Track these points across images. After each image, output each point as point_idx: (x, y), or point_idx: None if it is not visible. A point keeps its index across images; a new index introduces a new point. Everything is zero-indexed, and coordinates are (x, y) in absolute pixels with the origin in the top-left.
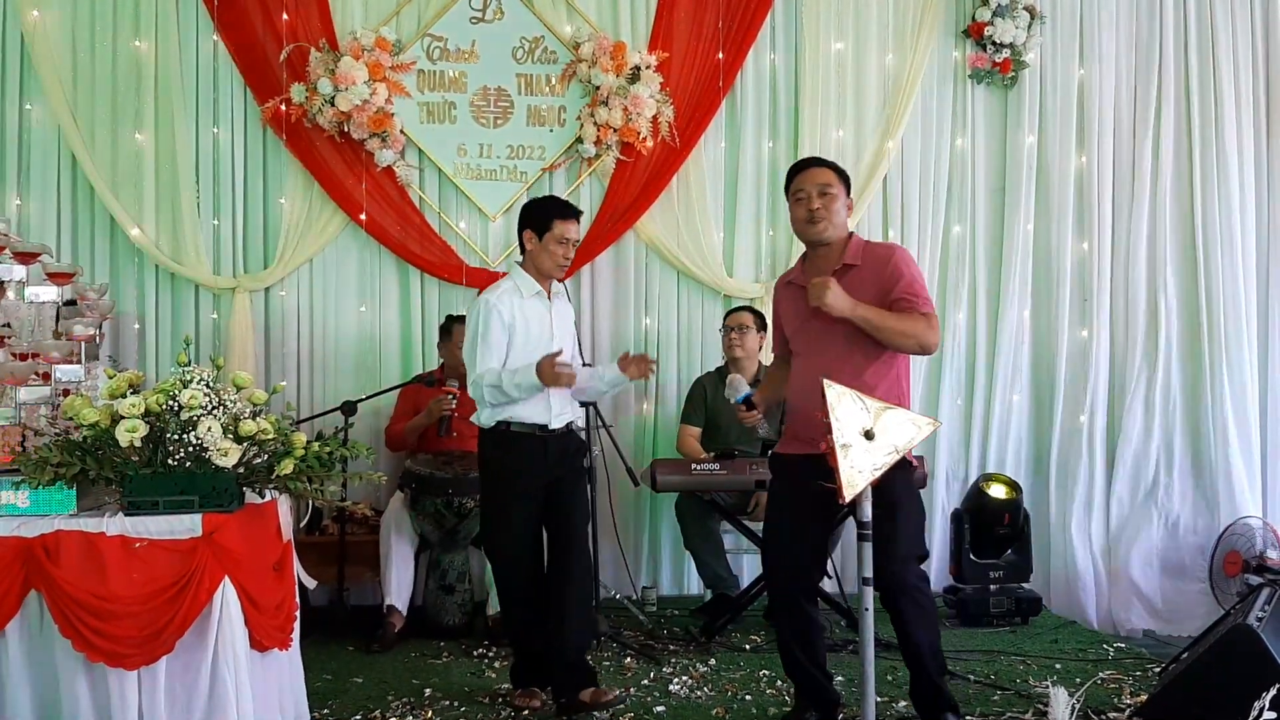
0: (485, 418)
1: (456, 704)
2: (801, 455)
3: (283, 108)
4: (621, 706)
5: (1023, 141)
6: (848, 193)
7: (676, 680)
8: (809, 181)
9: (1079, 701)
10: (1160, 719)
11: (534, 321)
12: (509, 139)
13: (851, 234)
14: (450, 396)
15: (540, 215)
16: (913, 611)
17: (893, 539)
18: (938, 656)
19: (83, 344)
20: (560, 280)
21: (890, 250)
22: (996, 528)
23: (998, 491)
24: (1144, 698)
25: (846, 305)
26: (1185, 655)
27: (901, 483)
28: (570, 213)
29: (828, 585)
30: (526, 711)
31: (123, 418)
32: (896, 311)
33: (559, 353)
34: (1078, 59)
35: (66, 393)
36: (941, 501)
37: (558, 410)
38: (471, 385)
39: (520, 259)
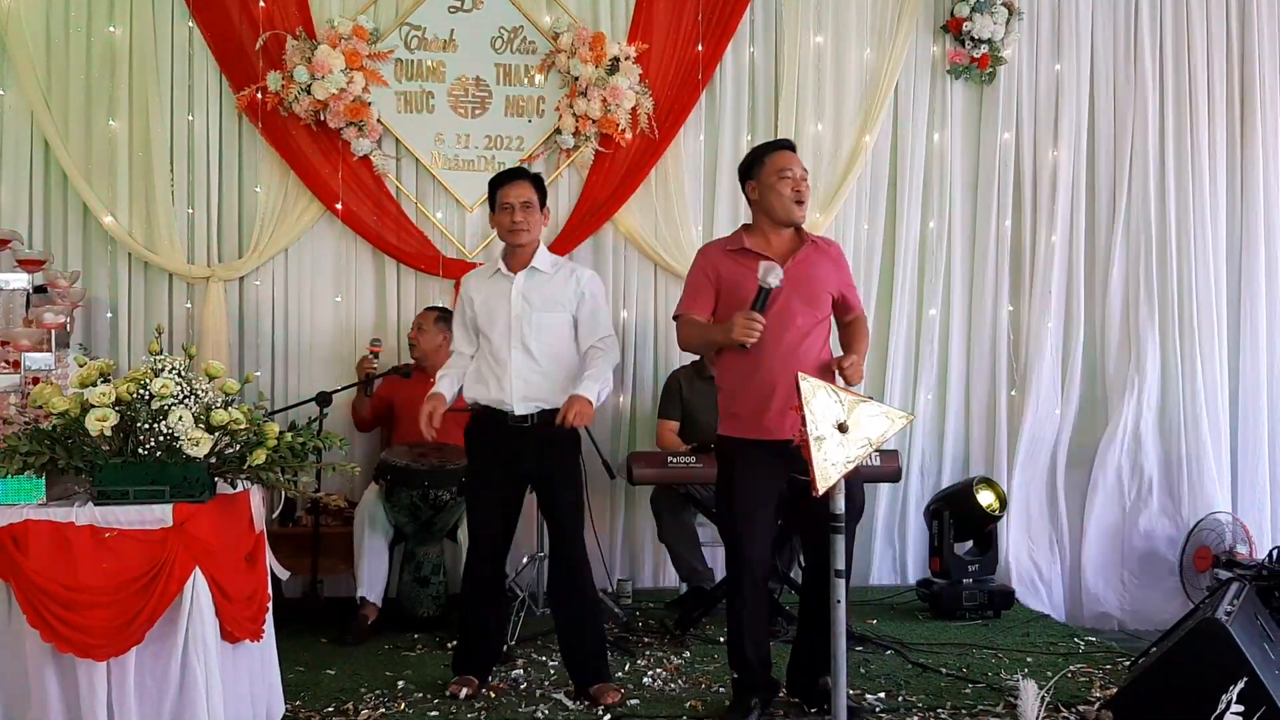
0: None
1: (430, 696)
2: (754, 440)
3: (258, 96)
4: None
5: (998, 138)
6: None
7: (651, 673)
8: (796, 164)
9: (1049, 694)
10: (1130, 712)
11: (491, 299)
12: (487, 129)
13: None
14: (371, 354)
15: (490, 191)
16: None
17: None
18: None
19: (53, 332)
20: (519, 244)
21: (834, 243)
22: (976, 531)
23: (987, 499)
24: (1114, 691)
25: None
26: (1155, 649)
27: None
28: (508, 177)
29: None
30: (463, 696)
31: (93, 406)
32: (853, 315)
33: (438, 399)
34: (1055, 55)
35: (36, 381)
36: (916, 494)
37: (524, 393)
38: None
39: None
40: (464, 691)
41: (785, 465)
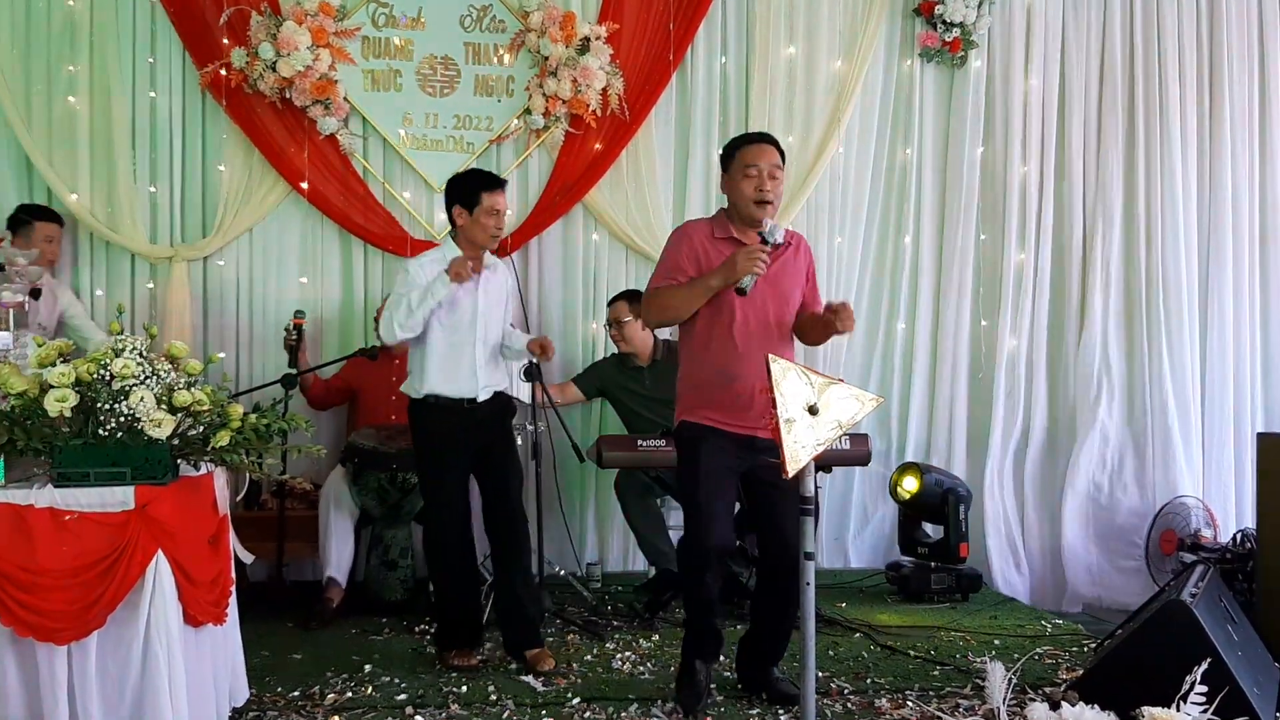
0: (413, 389)
1: (397, 680)
2: (727, 431)
3: (223, 72)
4: (564, 683)
5: (966, 121)
6: None
7: (620, 656)
8: (765, 159)
9: (1016, 676)
10: (1096, 693)
11: (457, 291)
12: (456, 109)
13: None
14: (292, 327)
15: (468, 190)
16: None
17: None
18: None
19: (11, 311)
20: (493, 251)
21: (804, 239)
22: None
23: (912, 485)
24: (1080, 672)
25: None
26: (1120, 631)
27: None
28: (496, 184)
29: None
30: (468, 666)
31: (52, 387)
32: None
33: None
34: (1025, 40)
35: None
36: (885, 480)
37: (484, 381)
38: (385, 333)
39: (453, 234)
40: (475, 659)
41: (747, 454)
